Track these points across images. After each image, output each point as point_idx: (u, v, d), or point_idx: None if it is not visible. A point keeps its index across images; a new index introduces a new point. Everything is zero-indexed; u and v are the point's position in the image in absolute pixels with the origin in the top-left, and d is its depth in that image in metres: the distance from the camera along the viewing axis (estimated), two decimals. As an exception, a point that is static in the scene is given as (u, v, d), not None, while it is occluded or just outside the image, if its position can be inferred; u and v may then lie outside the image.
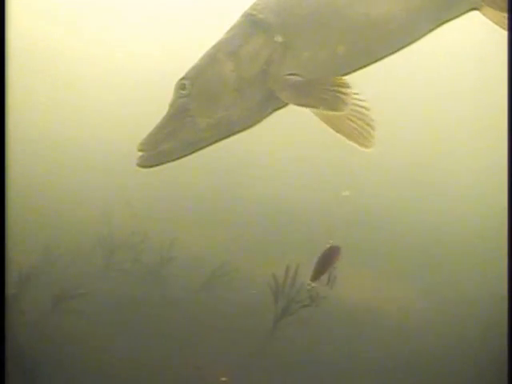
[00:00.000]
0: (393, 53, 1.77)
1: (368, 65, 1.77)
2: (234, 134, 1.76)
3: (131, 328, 5.10)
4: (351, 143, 1.66)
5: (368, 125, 1.66)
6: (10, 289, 4.31)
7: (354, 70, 1.75)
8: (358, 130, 1.66)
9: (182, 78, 1.74)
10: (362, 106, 1.65)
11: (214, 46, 1.76)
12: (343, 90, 1.63)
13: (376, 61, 1.77)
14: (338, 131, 1.66)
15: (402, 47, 1.77)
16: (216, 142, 1.75)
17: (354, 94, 1.64)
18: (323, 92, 1.64)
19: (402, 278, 6.97)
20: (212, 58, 1.73)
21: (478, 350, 4.79)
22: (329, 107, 1.63)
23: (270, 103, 1.74)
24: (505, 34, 1.79)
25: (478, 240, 7.58)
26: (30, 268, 5.22)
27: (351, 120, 1.65)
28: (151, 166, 1.74)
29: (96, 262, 6.30)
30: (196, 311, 5.53)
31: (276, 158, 10.94)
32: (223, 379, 4.47)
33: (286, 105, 1.77)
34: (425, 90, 12.67)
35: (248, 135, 1.72)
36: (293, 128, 10.74)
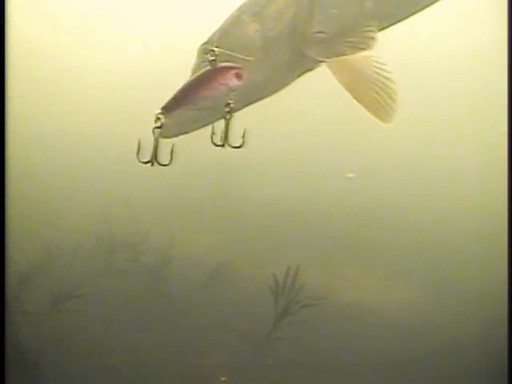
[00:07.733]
0: (424, 8, 1.71)
1: (398, 21, 1.71)
2: (259, 99, 1.69)
3: (131, 328, 5.10)
4: (371, 116, 1.61)
5: (390, 98, 1.62)
6: (10, 289, 4.31)
7: (383, 28, 1.69)
8: (380, 102, 1.60)
9: (206, 43, 1.68)
10: (386, 77, 1.60)
11: (238, 9, 1.69)
12: (369, 29, 1.59)
13: (407, 17, 1.71)
14: (359, 101, 1.60)
15: (434, 1, 1.71)
16: (240, 108, 1.68)
17: (380, 63, 1.58)
18: (350, 36, 1.59)
19: (403, 277, 6.97)
20: (236, 21, 1.67)
21: (478, 350, 4.79)
22: (357, 47, 1.57)
23: (298, 64, 1.68)
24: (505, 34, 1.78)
25: (478, 240, 7.58)
26: (30, 268, 5.22)
27: (375, 90, 1.60)
28: (172, 137, 1.67)
29: (96, 262, 6.29)
30: (196, 311, 5.53)
31: (276, 158, 10.94)
32: (223, 379, 4.46)
33: (312, 68, 1.70)
34: (424, 89, 12.67)
35: (249, 135, 1.69)
36: (293, 128, 10.75)
